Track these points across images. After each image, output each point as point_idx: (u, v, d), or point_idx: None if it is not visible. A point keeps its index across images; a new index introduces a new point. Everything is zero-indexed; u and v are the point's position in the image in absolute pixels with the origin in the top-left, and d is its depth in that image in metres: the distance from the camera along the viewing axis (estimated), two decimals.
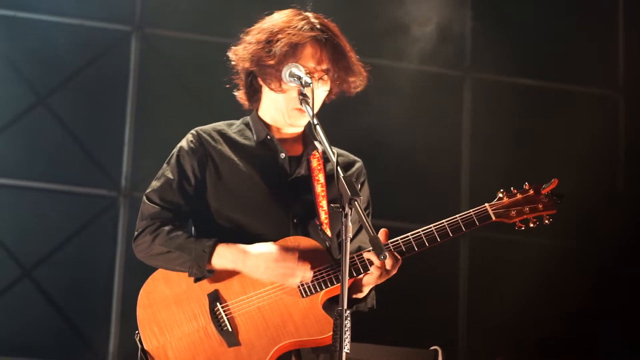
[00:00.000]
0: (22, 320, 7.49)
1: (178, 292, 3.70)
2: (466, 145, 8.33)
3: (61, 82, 7.67)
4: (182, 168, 3.80)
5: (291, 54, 3.71)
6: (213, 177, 3.80)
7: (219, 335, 3.66)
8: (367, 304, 3.82)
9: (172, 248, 3.68)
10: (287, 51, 3.71)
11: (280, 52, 3.71)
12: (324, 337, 3.62)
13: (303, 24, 3.78)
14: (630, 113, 8.59)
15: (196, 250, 3.65)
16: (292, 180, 3.82)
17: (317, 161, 3.87)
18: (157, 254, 3.72)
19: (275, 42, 3.73)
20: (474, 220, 3.73)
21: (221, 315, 3.67)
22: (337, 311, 3.22)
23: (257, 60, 3.77)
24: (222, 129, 3.90)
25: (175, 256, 3.68)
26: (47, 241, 7.59)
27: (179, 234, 3.70)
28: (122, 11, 7.84)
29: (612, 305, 8.11)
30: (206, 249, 3.65)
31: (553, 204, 3.79)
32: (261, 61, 3.75)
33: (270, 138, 3.85)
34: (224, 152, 3.83)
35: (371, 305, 3.84)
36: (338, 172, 3.32)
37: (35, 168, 7.61)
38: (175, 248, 3.68)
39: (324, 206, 3.78)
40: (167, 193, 3.77)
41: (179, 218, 3.77)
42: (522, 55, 8.41)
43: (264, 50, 3.75)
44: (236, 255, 3.66)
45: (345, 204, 3.25)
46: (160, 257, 3.71)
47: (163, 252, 3.70)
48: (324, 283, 3.67)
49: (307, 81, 3.60)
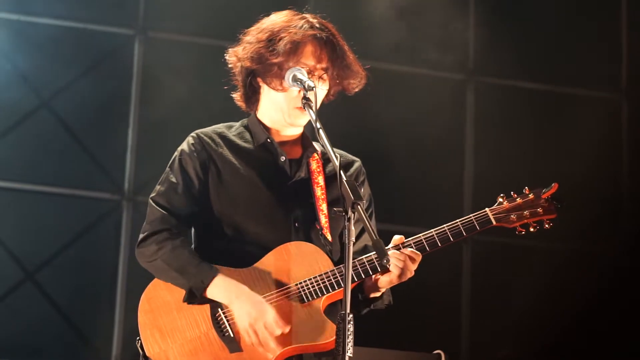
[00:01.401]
0: (25, 323, 7.49)
1: (179, 297, 3.69)
2: (469, 149, 8.32)
3: (64, 85, 7.68)
4: (185, 171, 3.80)
5: (293, 51, 3.72)
6: (215, 180, 3.80)
7: (221, 341, 3.65)
8: (384, 301, 3.82)
9: (174, 268, 3.68)
10: (290, 49, 3.71)
11: (284, 50, 3.71)
12: (326, 342, 3.61)
13: (303, 22, 3.79)
14: (634, 116, 8.58)
15: (195, 278, 3.65)
16: (293, 183, 3.82)
17: (316, 163, 3.87)
18: (158, 267, 3.72)
19: (278, 41, 3.73)
20: (475, 224, 3.73)
21: (223, 320, 3.67)
22: (340, 315, 3.21)
23: (259, 58, 3.76)
24: (222, 131, 3.90)
25: (174, 276, 3.69)
26: (50, 244, 7.59)
27: (183, 253, 3.70)
28: (125, 15, 7.85)
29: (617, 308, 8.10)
30: (205, 279, 3.65)
31: (553, 209, 3.78)
32: (263, 60, 3.75)
33: (270, 141, 3.84)
34: (225, 155, 3.83)
35: (388, 302, 3.83)
36: (341, 176, 3.31)
37: (38, 171, 7.62)
38: (176, 269, 3.68)
39: (324, 209, 3.78)
40: (172, 197, 3.77)
41: (184, 222, 3.77)
42: (525, 59, 8.40)
43: (266, 49, 3.75)
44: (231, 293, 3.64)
45: (348, 207, 3.25)
46: (160, 271, 3.72)
47: (164, 268, 3.70)
48: (325, 288, 3.67)
49: (310, 85, 3.60)
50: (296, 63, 3.71)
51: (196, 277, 3.65)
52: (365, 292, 3.78)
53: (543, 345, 8.01)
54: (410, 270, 3.66)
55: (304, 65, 3.72)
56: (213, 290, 3.65)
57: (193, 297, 3.66)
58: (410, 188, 8.03)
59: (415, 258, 3.66)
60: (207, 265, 3.68)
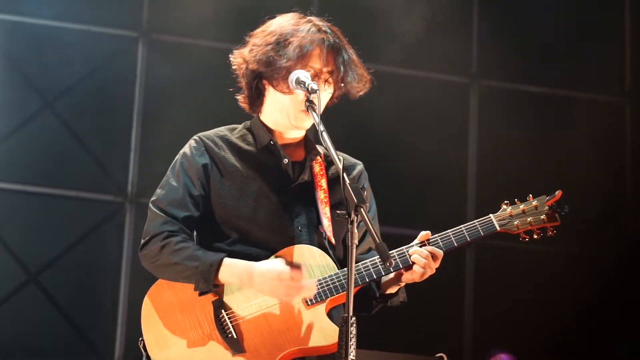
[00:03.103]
0: (28, 325, 7.51)
1: (183, 299, 3.69)
2: (472, 152, 8.33)
3: (68, 87, 7.69)
4: (187, 175, 3.78)
5: (301, 55, 3.72)
6: (217, 184, 3.79)
7: (224, 342, 3.65)
8: (399, 297, 3.82)
9: (179, 260, 3.66)
10: (299, 53, 3.71)
11: (293, 54, 3.71)
12: (329, 344, 3.61)
13: (310, 25, 3.79)
14: (637, 119, 8.58)
15: (203, 264, 3.64)
16: (296, 186, 3.82)
17: (319, 166, 3.86)
18: (163, 264, 3.70)
19: (287, 44, 3.73)
20: (479, 230, 3.74)
21: (226, 322, 3.67)
22: (343, 318, 3.21)
23: (267, 61, 3.76)
24: (224, 134, 3.89)
25: (181, 269, 3.67)
26: (53, 246, 7.60)
27: (186, 246, 3.69)
28: (129, 17, 7.86)
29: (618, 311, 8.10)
30: (214, 263, 3.64)
31: (557, 217, 3.78)
32: (272, 63, 3.75)
33: (273, 143, 3.84)
34: (228, 158, 3.82)
35: (403, 299, 3.83)
36: (344, 179, 3.31)
37: (41, 173, 7.63)
38: (182, 260, 3.66)
39: (327, 212, 3.77)
40: (173, 201, 3.76)
41: (185, 226, 3.76)
42: (528, 62, 8.41)
43: (275, 52, 3.74)
44: (242, 272, 3.64)
45: (351, 210, 3.25)
46: (166, 268, 3.70)
47: (170, 263, 3.68)
48: (329, 291, 3.67)
49: (313, 87, 3.61)
50: (304, 67, 3.71)
51: (204, 263, 3.63)
52: (382, 288, 3.79)
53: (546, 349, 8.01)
54: (431, 268, 3.67)
55: (311, 69, 3.72)
56: (224, 275, 3.63)
57: (204, 284, 3.64)
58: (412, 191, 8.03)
59: (437, 256, 3.67)
60: (212, 252, 3.68)
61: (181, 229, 3.74)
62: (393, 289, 3.78)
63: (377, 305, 3.83)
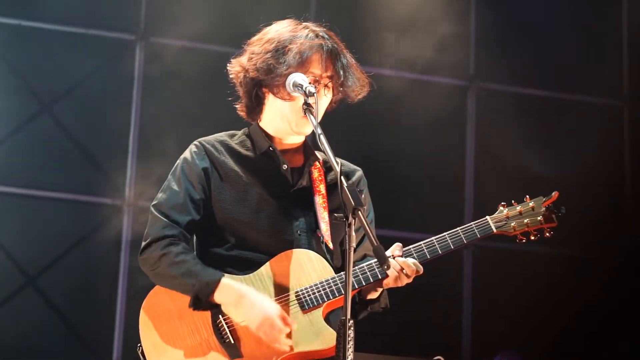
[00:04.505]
0: (26, 327, 7.50)
1: (180, 304, 3.69)
2: (470, 155, 8.33)
3: (66, 90, 7.69)
4: (188, 179, 3.80)
5: (301, 62, 3.72)
6: (218, 188, 3.80)
7: (221, 347, 3.65)
8: (381, 303, 3.82)
9: (177, 274, 3.67)
10: (299, 59, 3.72)
11: (293, 61, 3.71)
12: (327, 348, 3.62)
13: (307, 32, 3.80)
14: (635, 122, 8.58)
15: (200, 283, 3.64)
16: (295, 191, 3.82)
17: (318, 172, 3.87)
18: (161, 275, 3.71)
19: (286, 51, 3.74)
20: (475, 232, 3.74)
21: (223, 327, 3.67)
22: (341, 321, 3.21)
23: (267, 69, 3.76)
24: (224, 139, 3.90)
25: (178, 283, 3.68)
26: (52, 249, 7.60)
27: (186, 259, 3.69)
28: (126, 20, 7.86)
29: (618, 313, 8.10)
30: (211, 284, 3.64)
31: (554, 217, 3.78)
32: (272, 70, 3.75)
33: (272, 149, 3.85)
34: (228, 163, 3.83)
35: (384, 305, 3.83)
36: (342, 182, 3.31)
37: (39, 177, 7.62)
38: (180, 275, 3.67)
39: (325, 217, 3.78)
40: (174, 205, 3.77)
41: (187, 230, 3.77)
42: (526, 65, 8.41)
43: (274, 60, 3.74)
44: (234, 298, 3.63)
45: (349, 213, 3.25)
46: (164, 279, 3.71)
47: (168, 275, 3.69)
48: (325, 295, 3.67)
49: (310, 90, 3.61)
50: (304, 73, 3.71)
51: (201, 282, 3.64)
52: (362, 294, 3.79)
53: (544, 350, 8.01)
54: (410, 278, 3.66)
55: (311, 75, 3.72)
56: (219, 293, 3.64)
57: (199, 302, 3.65)
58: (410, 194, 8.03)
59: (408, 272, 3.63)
60: (211, 269, 3.68)
61: (181, 233, 3.75)
62: (373, 295, 3.77)
63: (361, 311, 3.82)
